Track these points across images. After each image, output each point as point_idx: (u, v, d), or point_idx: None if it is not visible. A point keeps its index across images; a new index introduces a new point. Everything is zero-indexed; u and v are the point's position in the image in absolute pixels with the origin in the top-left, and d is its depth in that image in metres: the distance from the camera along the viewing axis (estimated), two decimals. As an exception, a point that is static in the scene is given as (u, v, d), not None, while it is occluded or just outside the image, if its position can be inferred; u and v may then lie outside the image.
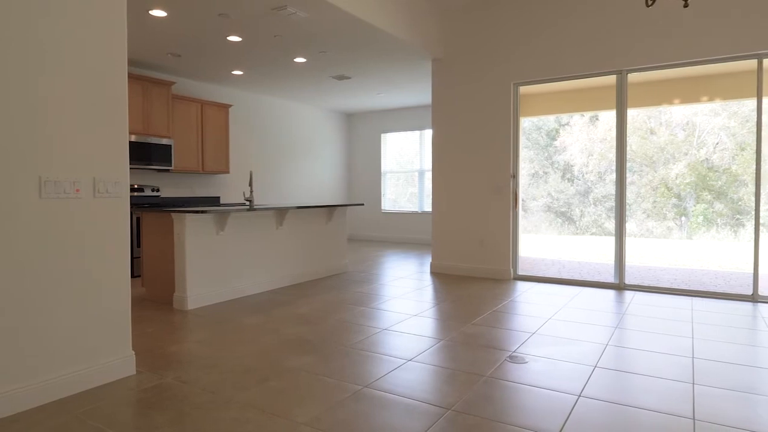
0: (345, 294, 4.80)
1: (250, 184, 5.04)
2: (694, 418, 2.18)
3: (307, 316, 3.96)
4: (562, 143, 7.00)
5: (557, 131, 7.06)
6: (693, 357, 2.98)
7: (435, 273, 6.05)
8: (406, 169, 10.03)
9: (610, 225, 5.21)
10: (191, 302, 4.21)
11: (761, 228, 4.51)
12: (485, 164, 5.77)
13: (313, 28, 4.95)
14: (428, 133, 9.45)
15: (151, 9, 4.46)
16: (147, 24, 4.85)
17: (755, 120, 4.52)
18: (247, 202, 5.20)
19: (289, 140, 9.06)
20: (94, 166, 2.53)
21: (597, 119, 6.59)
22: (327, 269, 5.84)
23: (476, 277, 5.74)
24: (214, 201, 7.58)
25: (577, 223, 6.76)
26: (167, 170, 6.53)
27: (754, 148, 4.53)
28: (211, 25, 4.90)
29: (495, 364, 2.85)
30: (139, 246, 5.88)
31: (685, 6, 2.98)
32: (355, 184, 10.49)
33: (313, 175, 9.62)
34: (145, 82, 6.19)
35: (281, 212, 5.11)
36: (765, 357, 2.99)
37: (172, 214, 4.24)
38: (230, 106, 7.39)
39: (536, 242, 6.91)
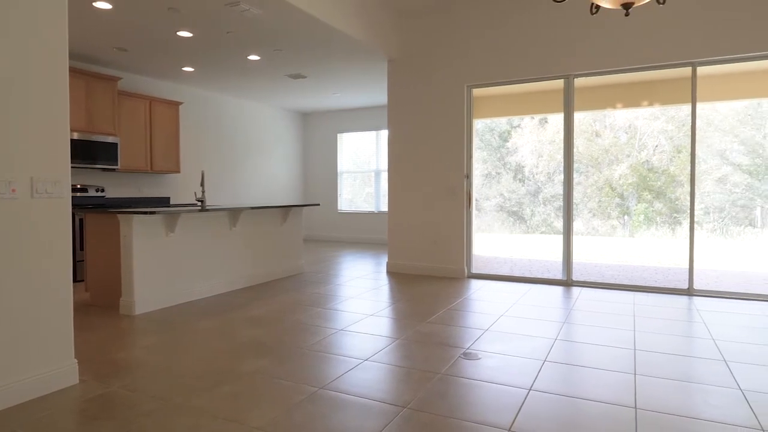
0: (301, 295, 4.75)
1: (202, 184, 4.91)
2: (635, 407, 2.30)
3: (262, 318, 3.90)
4: (514, 145, 7.20)
5: (509, 133, 7.25)
6: (635, 349, 3.14)
7: (391, 272, 6.09)
8: (363, 169, 10.04)
9: (559, 224, 5.41)
10: (139, 307, 4.05)
11: (696, 226, 4.81)
12: (440, 165, 5.86)
13: (267, 25, 4.87)
14: (385, 134, 9.50)
15: (95, 1, 4.26)
16: (91, 16, 4.63)
17: (690, 124, 4.82)
18: (199, 203, 5.06)
19: (244, 139, 8.88)
20: (31, 164, 2.39)
21: (546, 122, 6.81)
22: (283, 270, 5.77)
23: (432, 276, 5.82)
24: (164, 202, 7.33)
25: (528, 222, 6.97)
26: (113, 169, 6.25)
27: (690, 151, 4.82)
28: (160, 20, 4.73)
29: (449, 362, 2.90)
30: (82, 249, 5.60)
31: (626, 15, 3.14)
32: (311, 184, 10.41)
33: (268, 176, 9.47)
34: (88, 77, 5.91)
35: (235, 213, 5.00)
36: (699, 347, 3.19)
37: (119, 216, 4.07)
38: (181, 103, 7.16)
39: (489, 241, 7.07)
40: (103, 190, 6.40)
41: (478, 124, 6.38)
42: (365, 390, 2.50)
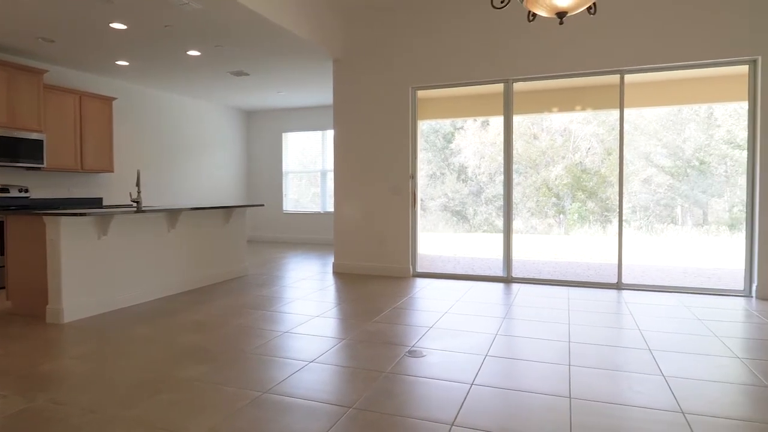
0: (244, 298, 4.64)
1: (138, 184, 4.69)
2: (570, 396, 2.42)
3: (202, 322, 3.78)
4: (457, 146, 7.38)
5: (453, 134, 7.43)
6: (569, 341, 3.31)
7: (337, 273, 6.08)
8: (309, 169, 9.94)
9: (500, 223, 5.60)
10: (68, 314, 3.81)
11: (624, 224, 5.13)
12: (385, 165, 5.91)
13: (208, 20, 4.72)
14: (331, 134, 9.45)
15: (15, -13, 3.97)
16: (12, 3, 4.30)
17: (618, 128, 5.12)
18: (135, 204, 4.82)
19: (184, 138, 8.55)
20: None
21: (488, 124, 7.04)
22: (225, 273, 5.61)
23: (378, 276, 5.86)
24: (96, 203, 6.93)
25: (471, 221, 7.17)
26: (38, 168, 5.84)
27: (618, 153, 5.13)
28: (91, 10, 4.47)
29: (395, 360, 2.93)
30: (2, 254, 5.19)
31: (561, 23, 3.30)
32: (255, 185, 10.18)
33: (210, 176, 9.18)
34: (10, 68, 5.48)
35: (173, 214, 4.81)
36: (627, 337, 3.41)
37: (44, 218, 3.81)
38: (114, 99, 6.80)
39: (434, 240, 7.21)
40: (27, 191, 5.96)
41: (423, 126, 6.48)
42: (311, 392, 2.48)
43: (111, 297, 4.18)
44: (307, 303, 4.46)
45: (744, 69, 4.72)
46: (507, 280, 5.51)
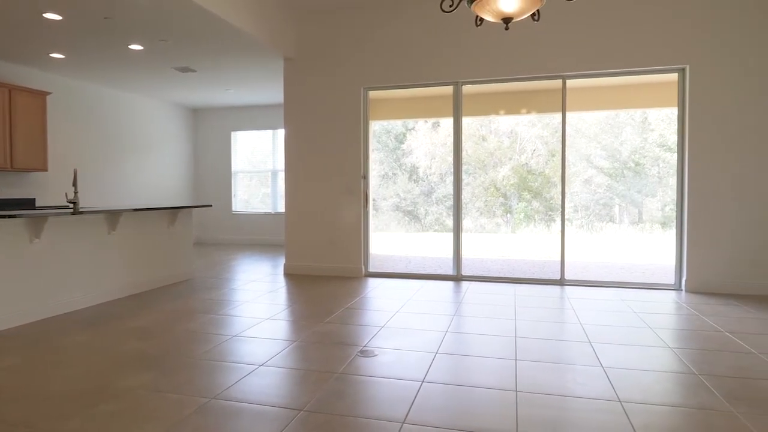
0: (191, 302, 4.50)
1: (75, 184, 4.44)
2: (516, 390, 2.51)
3: (146, 328, 3.63)
4: (409, 146, 7.45)
5: (404, 135, 7.50)
6: (515, 336, 3.42)
7: (289, 274, 6.00)
8: (259, 169, 9.75)
9: (450, 222, 5.71)
10: (-4, 324, 3.56)
11: (566, 222, 5.35)
12: (337, 165, 5.89)
13: (151, 13, 4.54)
14: (282, 133, 9.31)
15: (-67, -30, 3.66)
16: (-73, -12, 3.97)
17: (561, 131, 5.34)
18: (71, 205, 4.56)
19: (126, 136, 8.17)
20: None
21: (438, 125, 7.15)
22: (171, 276, 5.41)
23: (330, 276, 5.83)
24: (28, 203, 6.50)
25: (422, 221, 7.27)
26: (-39, 167, 5.41)
27: (561, 155, 5.35)
28: (19, -1, 4.19)
29: (347, 360, 2.93)
30: None
31: (506, 28, 3.40)
32: (203, 185, 9.87)
33: (155, 175, 8.82)
34: (-75, 58, 5.05)
35: (114, 215, 4.59)
36: (569, 331, 3.56)
37: (-32, 220, 3.54)
38: (49, 93, 6.40)
39: (386, 240, 7.26)
40: (-53, 191, 5.51)
41: (375, 126, 6.51)
42: (260, 396, 2.44)
43: (46, 303, 3.94)
44: (257, 305, 4.37)
45: (674, 77, 5.04)
46: (457, 278, 5.62)
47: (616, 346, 3.20)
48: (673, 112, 5.16)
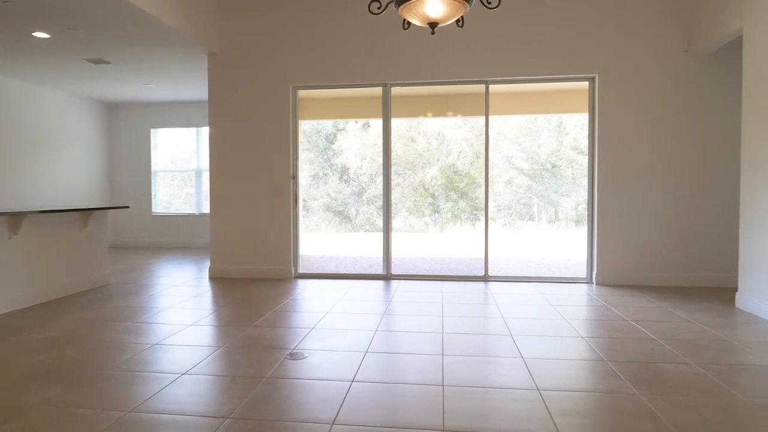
0: (106, 310, 4.21)
1: (-33, 184, 4.00)
2: (443, 384, 2.58)
3: (54, 340, 3.35)
4: (340, 147, 7.45)
5: (335, 135, 7.48)
6: (443, 332, 3.52)
7: (215, 278, 5.78)
8: (182, 168, 9.31)
9: (380, 222, 5.78)
10: None
11: (490, 221, 5.59)
12: (266, 165, 5.76)
13: None
14: (206, 131, 8.94)
15: None
16: None
17: (484, 133, 5.57)
18: (-37, 207, 4.11)
19: (31, 132, 7.48)
20: None
21: (369, 126, 7.20)
22: (83, 283, 5.03)
23: (258, 279, 5.69)
24: None
25: (353, 221, 7.29)
26: None
27: (484, 156, 5.58)
28: None
29: (275, 364, 2.88)
30: None
31: (432, 33, 3.49)
32: (119, 185, 9.25)
33: (65, 175, 8.14)
34: None
35: (16, 218, 4.19)
36: (493, 325, 3.72)
37: None
38: (-67, 82, 5.72)
39: (317, 240, 7.20)
40: None
41: (305, 126, 6.44)
42: (183, 406, 2.33)
43: (-69, 318, 3.52)
44: (179, 311, 4.18)
45: (585, 85, 5.42)
46: (387, 277, 5.69)
47: (534, 338, 3.39)
48: (584, 117, 5.55)
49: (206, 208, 9.02)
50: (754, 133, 4.10)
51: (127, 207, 5.56)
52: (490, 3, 3.27)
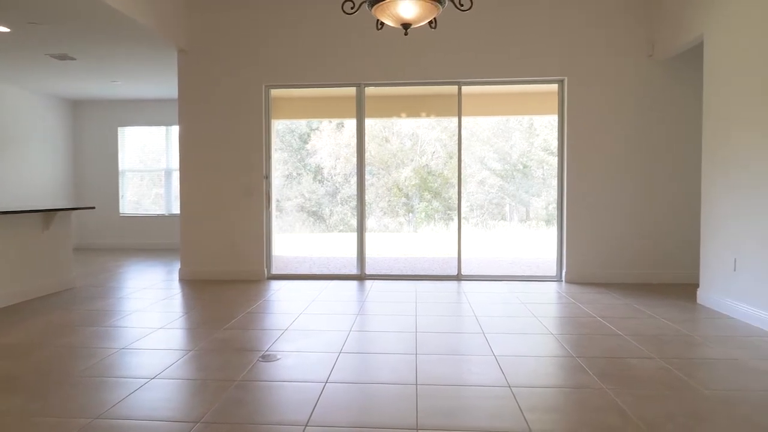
0: (71, 314, 4.08)
1: None
2: (416, 384, 2.60)
3: (14, 346, 3.23)
4: (314, 147, 7.40)
5: (309, 135, 7.43)
6: (416, 332, 3.54)
7: (185, 280, 5.67)
8: (151, 167, 9.10)
9: (355, 222, 5.77)
10: None
11: (463, 221, 5.65)
12: (238, 165, 5.68)
13: (15, -7, 4.04)
14: (176, 129, 8.76)
15: None
16: None
17: (457, 134, 5.63)
18: None
19: (-14, 128, 7.18)
20: None
21: (343, 126, 7.18)
22: (47, 286, 4.86)
23: (230, 280, 5.60)
24: None
25: (327, 221, 7.26)
26: None
27: (457, 157, 5.63)
28: None
29: (247, 367, 2.84)
30: None
31: (405, 34, 3.51)
32: (85, 185, 8.97)
33: (27, 174, 7.85)
34: None
35: (-27, 220, 4.02)
36: (465, 324, 3.77)
37: None
38: None
39: (291, 241, 7.15)
40: None
41: (279, 125, 6.38)
42: (152, 411, 2.28)
43: None
44: (148, 314, 4.08)
45: (555, 87, 5.53)
46: (361, 277, 5.69)
47: (506, 336, 3.44)
48: (554, 119, 5.66)
49: (176, 209, 8.83)
50: (713, 134, 4.26)
51: (93, 208, 5.40)
52: (462, 5, 3.31)
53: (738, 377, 2.67)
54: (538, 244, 6.55)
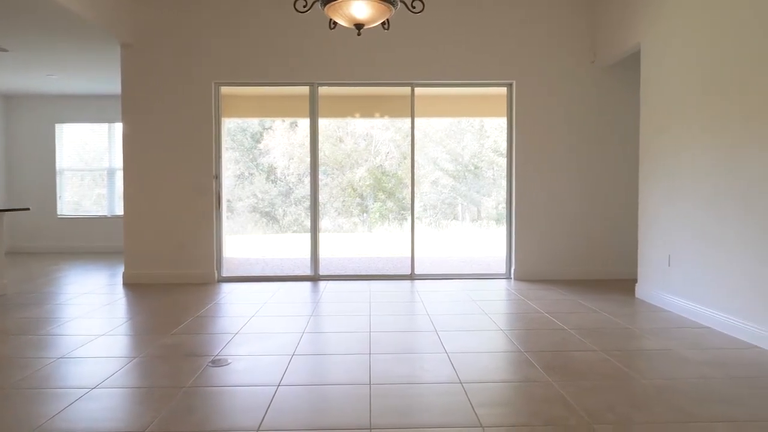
0: (2, 322, 3.82)
1: None
2: (370, 383, 2.61)
3: (-62, 359, 2.99)
4: (266, 146, 7.26)
5: (261, 134, 7.28)
6: (370, 331, 3.55)
7: (129, 284, 5.43)
8: (92, 166, 8.65)
9: (309, 223, 5.71)
10: None
11: (416, 221, 5.72)
12: (186, 164, 5.50)
13: (-63, -23, 3.75)
14: (120, 127, 8.37)
15: None
16: None
17: (411, 135, 5.69)
18: None
19: None
20: None
21: (296, 125, 7.09)
22: (-26, 293, 4.53)
23: (178, 284, 5.42)
24: None
25: (281, 222, 7.15)
26: None
27: (411, 158, 5.69)
28: None
29: (196, 372, 2.76)
30: None
31: (359, 34, 3.51)
32: (18, 184, 8.42)
33: (-52, 172, 7.28)
34: None
35: None
36: (418, 322, 3.81)
37: None
38: None
39: (243, 242, 6.98)
40: None
41: (230, 124, 6.22)
42: (93, 422, 2.17)
43: None
44: (89, 321, 3.89)
45: (504, 90, 5.69)
46: (314, 278, 5.65)
47: (458, 333, 3.51)
48: (504, 121, 5.83)
49: (120, 210, 8.44)
50: (648, 138, 4.52)
51: (27, 209, 5.08)
52: (414, 8, 3.35)
53: (672, 367, 2.85)
54: (489, 242, 6.72)
